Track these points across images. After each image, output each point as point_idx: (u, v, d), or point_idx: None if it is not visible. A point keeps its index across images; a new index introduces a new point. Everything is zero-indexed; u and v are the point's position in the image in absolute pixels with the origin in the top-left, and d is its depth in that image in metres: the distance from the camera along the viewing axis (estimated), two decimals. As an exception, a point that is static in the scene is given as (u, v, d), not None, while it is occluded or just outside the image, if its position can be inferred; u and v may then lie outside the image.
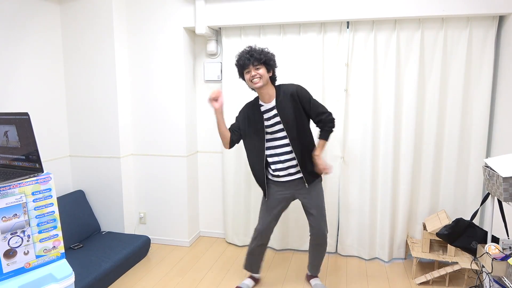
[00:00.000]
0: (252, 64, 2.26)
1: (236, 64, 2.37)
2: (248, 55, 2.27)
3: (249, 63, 2.26)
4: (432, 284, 2.67)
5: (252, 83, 2.30)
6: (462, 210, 2.92)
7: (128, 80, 3.25)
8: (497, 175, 1.79)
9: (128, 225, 3.30)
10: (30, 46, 2.83)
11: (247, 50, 2.31)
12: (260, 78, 2.28)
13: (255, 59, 2.26)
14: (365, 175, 2.99)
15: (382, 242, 3.03)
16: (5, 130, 1.57)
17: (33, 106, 2.88)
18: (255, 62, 2.26)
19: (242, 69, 2.32)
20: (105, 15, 3.01)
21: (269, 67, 2.32)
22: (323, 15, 2.79)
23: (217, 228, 3.54)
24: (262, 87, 2.31)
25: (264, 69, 2.29)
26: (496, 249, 1.87)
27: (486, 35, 2.71)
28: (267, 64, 2.31)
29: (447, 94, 2.84)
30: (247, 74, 2.30)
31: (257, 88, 2.33)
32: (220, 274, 2.86)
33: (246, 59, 2.27)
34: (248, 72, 2.29)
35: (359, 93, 2.95)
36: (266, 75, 2.31)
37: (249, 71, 2.28)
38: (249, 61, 2.26)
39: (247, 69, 2.29)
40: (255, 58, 2.26)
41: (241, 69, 2.33)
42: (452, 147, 2.86)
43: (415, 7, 2.65)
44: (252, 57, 2.26)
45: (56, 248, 1.58)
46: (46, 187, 1.53)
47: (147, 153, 3.30)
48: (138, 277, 2.81)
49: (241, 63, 2.30)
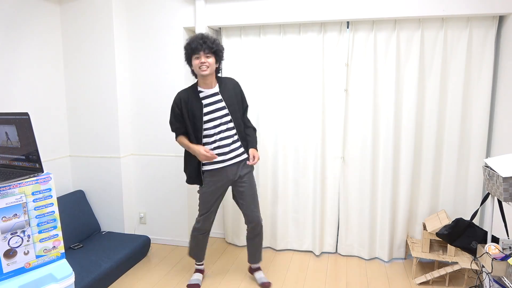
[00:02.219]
0: (204, 51, 2.29)
1: (186, 46, 2.36)
2: (202, 41, 2.29)
3: (201, 48, 2.28)
4: (432, 284, 2.67)
5: (199, 70, 2.31)
6: (462, 210, 2.92)
7: (128, 80, 3.25)
8: (497, 175, 1.79)
9: (128, 225, 3.30)
10: (30, 46, 2.83)
11: (200, 36, 2.32)
12: (208, 67, 2.31)
13: (207, 46, 2.29)
14: (365, 175, 3.00)
15: (382, 242, 3.03)
16: (5, 130, 1.57)
17: (33, 106, 2.88)
18: (206, 49, 2.29)
19: (192, 52, 2.32)
20: (105, 15, 3.01)
21: (218, 58, 2.38)
22: (323, 15, 2.79)
23: (217, 228, 3.54)
24: (208, 75, 2.34)
25: (213, 59, 2.33)
26: (496, 249, 1.87)
27: (486, 35, 2.71)
28: (216, 55, 2.35)
29: (447, 94, 2.84)
30: (196, 60, 2.31)
31: (203, 76, 2.35)
32: (219, 274, 2.86)
33: (198, 44, 2.28)
34: (198, 58, 2.31)
35: (359, 93, 2.95)
36: (214, 65, 2.35)
37: (199, 57, 2.30)
38: (201, 47, 2.28)
39: (197, 55, 2.31)
40: (208, 46, 2.29)
41: (191, 53, 2.33)
42: (452, 147, 2.86)
43: (415, 7, 2.65)
44: (205, 44, 2.29)
45: (56, 248, 1.58)
46: (46, 187, 1.53)
47: (147, 153, 3.31)
48: (138, 277, 2.81)
49: (193, 47, 2.30)
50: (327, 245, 3.18)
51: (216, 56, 2.36)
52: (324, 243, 3.18)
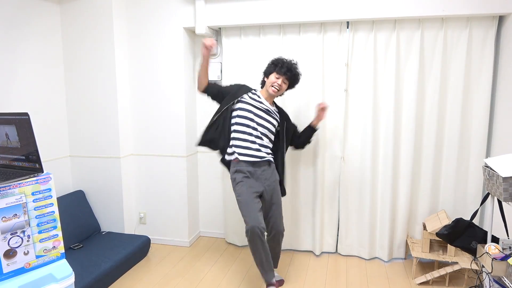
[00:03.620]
0: (286, 76, 2.48)
1: (274, 63, 2.51)
2: (290, 66, 2.47)
3: (285, 73, 2.47)
4: (432, 284, 2.67)
5: (271, 87, 2.48)
6: (462, 210, 2.92)
7: (128, 80, 3.25)
8: (497, 175, 1.79)
9: (128, 225, 3.30)
10: (30, 46, 2.83)
11: (292, 62, 2.51)
12: (279, 91, 2.49)
13: (292, 75, 2.49)
14: (365, 175, 3.00)
15: (382, 242, 3.03)
16: (5, 130, 1.57)
17: (33, 106, 2.88)
18: (290, 78, 2.49)
19: (274, 69, 2.48)
20: (105, 15, 3.01)
21: (290, 87, 2.58)
22: (323, 15, 2.79)
23: (217, 228, 3.54)
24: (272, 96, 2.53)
25: (286, 86, 2.53)
26: (496, 249, 1.87)
27: (486, 35, 2.71)
28: (291, 85, 2.56)
29: (447, 94, 2.84)
30: (275, 78, 2.47)
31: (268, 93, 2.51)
32: (220, 274, 2.86)
33: (287, 69, 2.46)
34: (278, 78, 2.47)
35: (359, 93, 2.95)
36: (283, 91, 2.55)
37: (279, 77, 2.47)
38: (287, 75, 2.47)
39: (278, 75, 2.47)
40: (293, 75, 2.49)
41: (273, 69, 2.49)
42: (452, 147, 2.86)
43: (415, 7, 2.65)
44: (290, 73, 2.48)
45: (56, 248, 1.58)
46: (46, 187, 1.53)
47: (147, 153, 3.30)
48: (138, 277, 2.81)
49: (279, 66, 2.47)
50: (327, 245, 3.18)
51: (290, 86, 2.56)
52: (324, 243, 3.18)
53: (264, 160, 2.50)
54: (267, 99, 2.55)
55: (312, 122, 2.73)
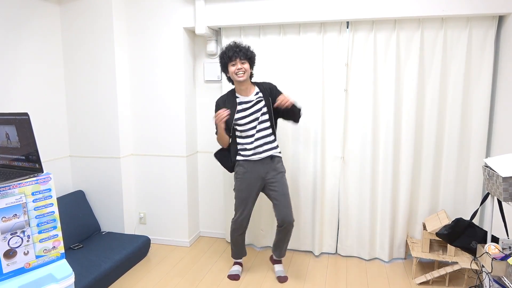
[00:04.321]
0: (239, 58, 2.46)
1: (222, 55, 2.53)
2: (237, 49, 2.47)
3: (237, 56, 2.45)
4: (432, 284, 2.67)
5: (236, 76, 2.48)
6: (462, 210, 2.92)
7: (128, 80, 3.25)
8: (497, 175, 1.79)
9: (128, 225, 3.30)
10: (30, 47, 2.83)
11: (234, 44, 2.51)
12: (244, 73, 2.48)
13: (242, 53, 2.47)
14: (365, 175, 2.99)
15: (382, 242, 3.03)
16: (5, 130, 1.57)
17: (33, 106, 2.88)
18: (242, 56, 2.47)
19: (228, 60, 2.49)
20: (105, 15, 3.01)
21: (252, 64, 2.55)
22: (323, 15, 2.79)
23: (217, 228, 3.54)
24: (244, 81, 2.51)
25: (248, 65, 2.50)
26: (496, 249, 1.87)
27: (486, 35, 2.71)
28: (251, 61, 2.53)
29: (447, 94, 2.84)
30: (232, 67, 2.48)
31: (239, 82, 2.51)
32: (220, 274, 2.86)
33: (234, 52, 2.46)
34: (234, 65, 2.48)
35: (359, 93, 2.95)
36: (249, 71, 2.53)
37: (235, 64, 2.47)
38: (237, 55, 2.46)
39: (233, 62, 2.47)
40: (243, 53, 2.47)
41: (228, 61, 2.49)
42: (452, 147, 2.86)
43: (415, 7, 2.65)
44: (241, 52, 2.46)
45: (56, 248, 1.58)
46: (46, 187, 1.53)
47: (147, 153, 3.30)
48: (138, 277, 2.81)
49: (230, 55, 2.47)
50: (327, 245, 3.18)
51: (250, 62, 2.53)
52: (324, 243, 3.18)
53: (267, 157, 2.60)
54: (244, 89, 2.57)
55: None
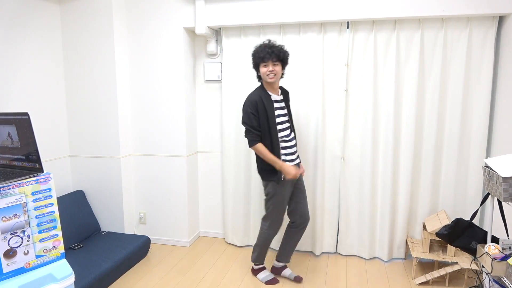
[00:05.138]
0: (272, 60, 2.39)
1: (254, 55, 2.47)
2: (270, 50, 2.39)
3: (269, 57, 2.38)
4: (432, 284, 2.67)
5: (267, 77, 2.43)
6: (462, 210, 2.92)
7: (128, 80, 3.25)
8: (497, 175, 1.79)
9: (128, 225, 3.30)
10: (30, 46, 2.83)
11: (268, 44, 2.43)
12: (275, 75, 2.43)
13: (275, 55, 2.39)
14: (365, 175, 3.00)
15: (382, 242, 3.03)
16: (5, 130, 1.57)
17: (33, 106, 2.88)
18: (274, 58, 2.39)
19: (260, 61, 2.43)
20: (105, 15, 3.01)
21: (284, 64, 2.49)
22: (323, 15, 2.79)
23: (217, 228, 3.54)
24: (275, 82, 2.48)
25: (280, 67, 2.45)
26: (496, 249, 1.87)
27: (486, 35, 2.71)
28: (283, 62, 2.46)
29: (447, 94, 2.84)
30: (264, 68, 2.43)
31: (270, 83, 2.47)
32: (220, 274, 2.86)
33: (267, 53, 2.38)
34: (266, 66, 2.42)
35: (359, 93, 2.95)
36: (280, 72, 2.47)
37: (267, 65, 2.41)
38: (269, 56, 2.38)
39: (265, 63, 2.41)
40: (276, 55, 2.39)
41: (259, 61, 2.44)
42: (452, 147, 2.86)
43: (415, 7, 2.65)
44: (273, 54, 2.38)
45: (56, 248, 1.58)
46: (46, 187, 1.53)
47: (147, 153, 3.31)
48: (138, 277, 2.81)
49: (261, 56, 2.40)
50: (327, 245, 3.18)
51: (283, 63, 2.47)
52: (324, 243, 3.18)
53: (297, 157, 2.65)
54: (276, 88, 2.54)
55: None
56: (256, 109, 2.44)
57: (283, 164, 2.45)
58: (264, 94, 2.49)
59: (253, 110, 2.44)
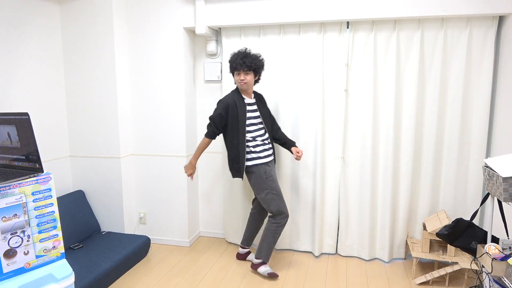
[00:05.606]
0: (243, 70, 2.63)
1: (229, 61, 2.72)
2: (242, 61, 2.62)
3: (241, 67, 2.63)
4: (432, 284, 2.67)
5: (239, 84, 2.69)
6: (462, 210, 2.92)
7: (128, 80, 3.25)
8: (497, 175, 1.79)
9: (128, 225, 3.30)
10: (30, 46, 2.83)
11: (242, 54, 2.65)
12: (246, 83, 2.67)
13: (246, 66, 2.62)
14: (365, 175, 2.99)
15: (382, 242, 3.03)
16: (5, 130, 1.57)
17: (33, 106, 2.88)
18: (245, 68, 2.63)
19: (233, 69, 2.69)
20: (105, 15, 3.01)
21: (257, 73, 2.72)
22: (323, 15, 2.79)
23: (217, 228, 3.54)
24: (247, 89, 2.72)
25: (252, 75, 2.69)
26: (496, 249, 1.87)
27: (486, 35, 2.71)
28: (256, 71, 2.69)
29: (447, 94, 2.84)
30: (237, 76, 2.69)
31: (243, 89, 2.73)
32: (220, 274, 2.86)
33: (238, 64, 2.63)
34: (238, 75, 2.67)
35: (359, 93, 2.95)
36: (252, 80, 2.71)
37: (239, 73, 2.66)
38: (241, 66, 2.63)
39: (237, 71, 2.66)
40: (247, 65, 2.62)
41: (232, 69, 2.70)
42: (452, 147, 2.86)
43: (415, 7, 2.65)
44: (245, 64, 2.62)
45: (56, 248, 1.58)
46: (46, 187, 1.53)
47: (147, 153, 3.31)
48: (138, 277, 2.81)
49: (234, 66, 2.66)
50: (327, 245, 3.17)
51: (256, 72, 2.71)
52: (324, 243, 3.18)
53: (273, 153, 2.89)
54: (249, 93, 2.76)
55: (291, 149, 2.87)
56: (226, 111, 2.68)
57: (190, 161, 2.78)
58: (238, 97, 2.71)
59: (223, 111, 2.68)
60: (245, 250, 3.05)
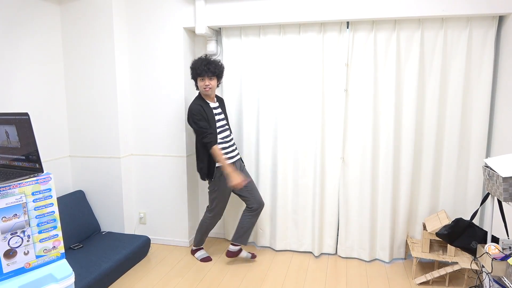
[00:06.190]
0: (207, 75, 2.71)
1: (192, 67, 2.79)
2: (206, 67, 2.71)
3: (205, 73, 2.71)
4: (432, 284, 2.67)
5: (204, 90, 2.76)
6: (462, 210, 2.92)
7: (128, 80, 3.25)
8: (497, 175, 1.79)
9: (128, 225, 3.30)
10: (30, 46, 2.83)
11: (205, 60, 2.73)
12: (211, 88, 2.77)
13: (211, 71, 2.72)
14: (365, 175, 2.99)
15: (382, 243, 3.03)
16: (5, 130, 1.57)
17: (33, 106, 2.88)
18: (210, 74, 2.72)
19: (197, 75, 2.76)
20: (105, 15, 3.01)
21: (219, 78, 2.84)
22: (323, 15, 2.79)
23: (217, 228, 3.54)
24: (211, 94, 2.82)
25: (215, 80, 2.79)
26: (496, 249, 1.87)
27: (486, 35, 2.71)
28: (218, 77, 2.81)
29: (447, 94, 2.84)
30: (201, 81, 2.76)
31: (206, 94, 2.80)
32: (220, 274, 2.86)
33: (203, 70, 2.70)
34: (202, 80, 2.75)
35: (359, 93, 2.95)
36: (215, 85, 2.81)
37: (204, 79, 2.74)
38: (205, 72, 2.71)
39: (202, 77, 2.74)
40: (211, 71, 2.72)
41: (196, 75, 2.77)
42: (452, 147, 2.86)
43: (415, 7, 2.65)
44: (209, 70, 2.71)
45: (56, 248, 1.58)
46: (46, 187, 1.53)
47: (147, 153, 3.31)
48: (138, 277, 2.81)
49: (198, 72, 2.73)
50: (327, 246, 3.17)
51: (218, 78, 2.82)
52: (324, 244, 3.17)
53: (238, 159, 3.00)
54: (212, 97, 2.86)
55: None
56: (201, 115, 2.74)
57: (232, 171, 2.73)
58: (203, 102, 2.79)
59: (200, 116, 2.73)
60: (236, 248, 3.00)
